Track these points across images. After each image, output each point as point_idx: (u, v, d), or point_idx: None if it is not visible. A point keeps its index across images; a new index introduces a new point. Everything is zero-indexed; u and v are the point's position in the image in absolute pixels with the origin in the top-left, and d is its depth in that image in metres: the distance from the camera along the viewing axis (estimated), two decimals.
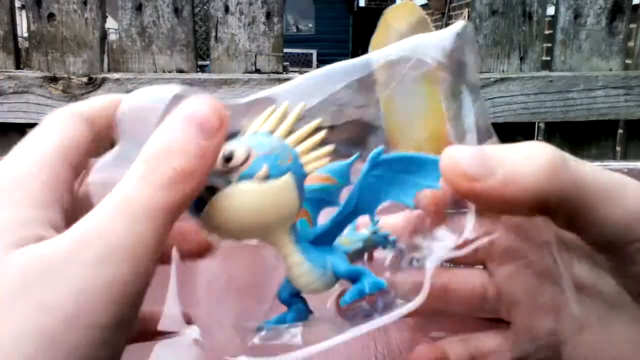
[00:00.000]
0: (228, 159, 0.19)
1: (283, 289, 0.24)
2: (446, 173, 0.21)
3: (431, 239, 0.23)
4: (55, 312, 0.16)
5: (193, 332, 0.21)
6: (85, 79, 1.10)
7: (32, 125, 0.97)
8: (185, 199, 0.18)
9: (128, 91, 0.90)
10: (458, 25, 0.24)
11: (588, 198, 0.20)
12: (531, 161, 0.20)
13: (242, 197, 0.19)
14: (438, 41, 0.24)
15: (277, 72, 1.14)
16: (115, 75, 1.10)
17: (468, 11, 5.03)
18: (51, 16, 1.11)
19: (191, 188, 0.18)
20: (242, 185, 0.19)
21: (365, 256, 0.27)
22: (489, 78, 1.13)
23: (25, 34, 1.25)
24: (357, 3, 10.11)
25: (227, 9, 1.13)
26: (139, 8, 1.12)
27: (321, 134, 0.22)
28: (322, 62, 9.03)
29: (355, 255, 0.25)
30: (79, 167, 0.20)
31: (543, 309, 0.24)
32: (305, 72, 0.27)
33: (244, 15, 1.13)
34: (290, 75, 1.17)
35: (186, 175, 0.18)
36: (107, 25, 1.21)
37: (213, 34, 1.13)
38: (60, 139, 0.20)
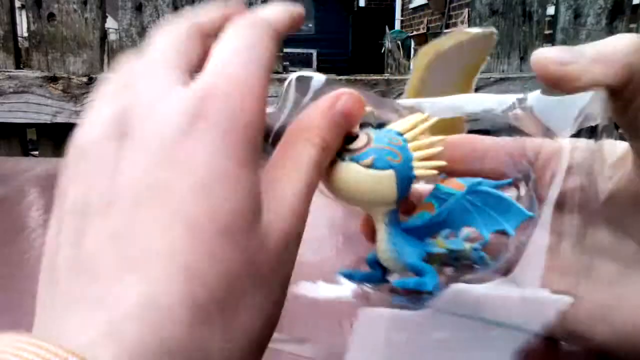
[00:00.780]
0: (351, 140, 0.24)
1: (372, 253, 0.27)
2: (537, 63, 0.22)
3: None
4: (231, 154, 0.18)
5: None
6: (85, 79, 1.10)
7: (32, 125, 0.97)
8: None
9: None
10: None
11: None
12: (619, 40, 0.21)
13: (346, 174, 0.24)
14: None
15: (277, 72, 1.14)
16: None
17: (468, 11, 5.03)
18: (51, 16, 1.11)
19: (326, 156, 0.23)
20: (351, 165, 0.24)
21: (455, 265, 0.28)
22: (489, 78, 1.13)
23: (25, 34, 1.25)
24: (357, 3, 10.11)
25: None
26: (139, 8, 1.12)
27: (439, 149, 0.25)
28: (322, 62, 9.03)
29: (445, 259, 0.27)
30: None
31: (560, 267, 0.24)
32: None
33: None
34: (290, 75, 1.17)
35: (324, 148, 0.22)
36: (107, 25, 1.21)
37: None
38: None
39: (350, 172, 0.24)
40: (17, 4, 1.25)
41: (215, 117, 0.18)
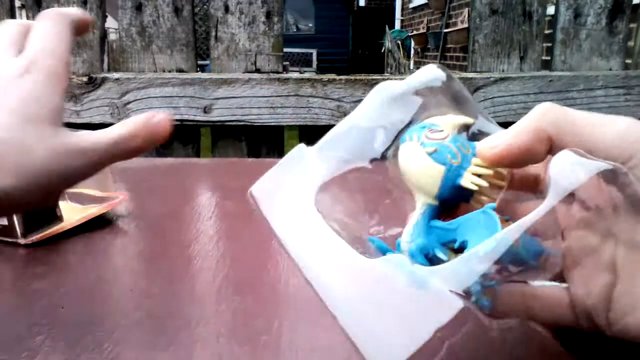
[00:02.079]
0: (435, 131, 0.27)
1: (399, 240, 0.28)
2: (480, 154, 0.26)
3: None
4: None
5: None
6: (85, 79, 1.10)
7: None
8: None
9: (129, 91, 0.91)
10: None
11: (581, 125, 0.25)
12: (529, 114, 0.26)
13: (409, 152, 0.27)
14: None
15: (277, 72, 1.14)
16: (115, 75, 1.10)
17: (468, 11, 5.02)
18: None
19: None
20: (417, 146, 0.27)
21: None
22: (489, 78, 1.13)
23: None
24: (357, 3, 10.10)
25: (227, 9, 1.13)
26: (139, 8, 1.12)
27: (490, 172, 0.26)
28: (322, 61, 9.02)
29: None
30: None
31: (604, 265, 0.26)
32: (305, 71, 0.29)
33: (244, 14, 1.13)
34: (290, 75, 1.17)
35: None
36: (107, 25, 1.21)
37: (213, 33, 1.13)
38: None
39: (412, 151, 0.27)
40: (17, 3, 1.25)
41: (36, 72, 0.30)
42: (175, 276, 0.44)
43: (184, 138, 1.18)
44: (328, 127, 0.29)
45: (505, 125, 0.26)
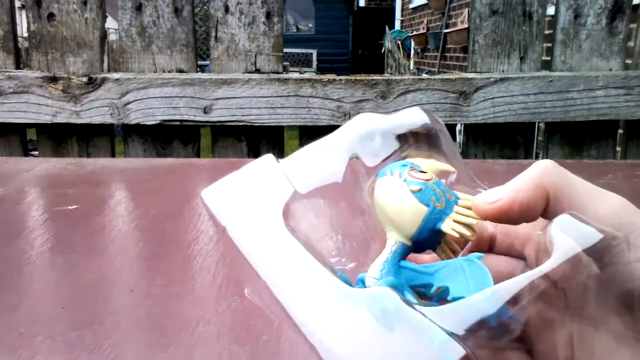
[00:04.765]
0: (420, 172, 0.26)
1: (363, 274, 0.27)
2: (475, 207, 0.25)
3: None
4: None
5: None
6: (85, 79, 1.10)
7: (32, 125, 0.97)
8: None
9: (129, 91, 0.92)
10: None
11: (578, 193, 0.24)
12: (529, 169, 0.25)
13: (390, 186, 0.26)
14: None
15: (277, 72, 1.14)
16: (115, 75, 1.10)
17: (468, 11, 5.02)
18: (51, 16, 1.11)
19: None
20: (399, 182, 0.25)
21: None
22: (489, 78, 1.13)
23: (25, 34, 1.25)
24: (357, 3, 10.10)
25: (227, 9, 1.13)
26: (139, 8, 1.12)
27: (474, 222, 0.26)
28: (322, 62, 9.02)
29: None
30: None
31: (562, 340, 0.26)
32: (305, 72, 0.28)
33: (244, 15, 1.13)
34: (290, 75, 1.17)
35: None
36: (107, 25, 1.21)
37: (213, 34, 1.13)
38: None
39: (394, 187, 0.26)
40: (17, 4, 1.25)
41: None
42: (175, 276, 0.44)
43: (184, 138, 1.18)
44: (328, 127, 0.28)
45: (505, 125, 0.26)
